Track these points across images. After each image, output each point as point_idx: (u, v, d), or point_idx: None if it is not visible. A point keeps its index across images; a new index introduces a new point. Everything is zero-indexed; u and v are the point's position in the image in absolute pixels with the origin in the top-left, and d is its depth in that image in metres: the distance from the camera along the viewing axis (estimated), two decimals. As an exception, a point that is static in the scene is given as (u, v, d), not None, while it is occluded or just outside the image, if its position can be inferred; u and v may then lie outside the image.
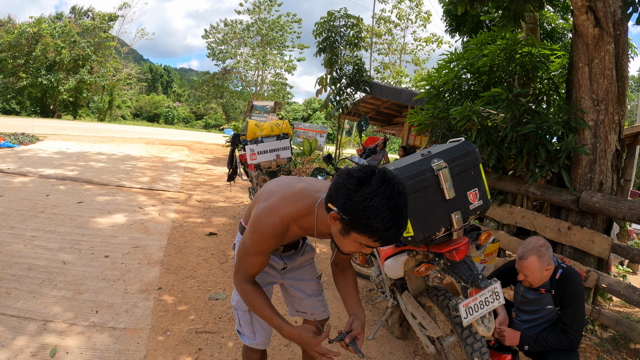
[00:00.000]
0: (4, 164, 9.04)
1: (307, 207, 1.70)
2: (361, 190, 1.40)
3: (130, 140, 17.85)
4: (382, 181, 1.41)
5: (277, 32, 41.63)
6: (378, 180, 1.41)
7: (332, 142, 35.67)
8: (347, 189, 1.43)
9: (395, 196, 1.41)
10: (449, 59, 5.44)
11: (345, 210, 1.43)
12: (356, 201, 1.40)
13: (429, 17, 32.47)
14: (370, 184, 1.41)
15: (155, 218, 6.19)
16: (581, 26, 4.09)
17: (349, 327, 1.83)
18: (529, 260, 2.55)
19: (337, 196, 1.46)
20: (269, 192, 1.81)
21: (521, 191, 4.69)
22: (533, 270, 2.56)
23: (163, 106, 57.52)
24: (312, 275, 2.29)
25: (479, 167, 2.14)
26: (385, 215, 1.38)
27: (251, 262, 1.75)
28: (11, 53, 37.66)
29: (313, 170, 4.23)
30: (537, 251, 2.54)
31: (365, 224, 1.40)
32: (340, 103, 11.76)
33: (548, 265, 2.58)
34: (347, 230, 1.48)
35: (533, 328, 2.76)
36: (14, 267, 3.95)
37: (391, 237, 1.44)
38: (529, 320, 2.78)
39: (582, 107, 4.25)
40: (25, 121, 24.29)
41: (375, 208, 1.38)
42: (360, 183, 1.42)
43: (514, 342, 2.61)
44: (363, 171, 1.45)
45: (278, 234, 1.68)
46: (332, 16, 11.72)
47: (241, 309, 2.08)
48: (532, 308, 2.76)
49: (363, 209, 1.38)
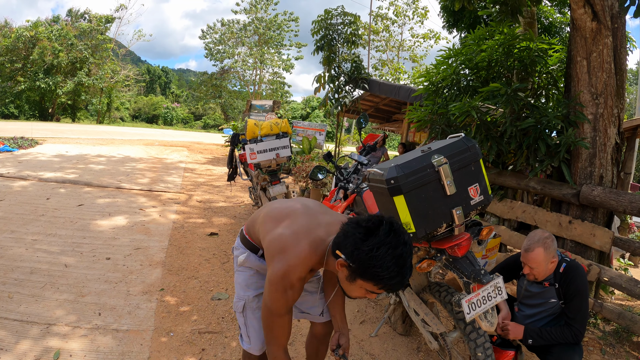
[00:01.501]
0: (4, 168, 9.04)
1: (320, 258, 1.75)
2: (369, 240, 1.49)
3: (129, 142, 17.84)
4: (388, 232, 1.50)
5: (274, 31, 41.49)
6: (385, 230, 1.50)
7: (331, 140, 35.67)
8: (355, 237, 1.52)
9: (401, 246, 1.49)
10: (447, 54, 5.43)
11: (353, 258, 1.51)
12: (363, 250, 1.48)
13: (426, 14, 32.36)
14: (377, 234, 1.50)
15: (156, 219, 6.20)
16: (579, 20, 4.09)
17: (337, 342, 2.01)
18: (535, 252, 2.54)
19: (345, 244, 1.55)
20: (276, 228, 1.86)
21: (521, 186, 4.69)
22: (539, 263, 2.55)
23: (162, 107, 57.48)
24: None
25: (479, 162, 2.14)
26: (391, 265, 1.47)
27: (281, 324, 1.79)
28: (8, 57, 37.62)
29: (313, 169, 4.23)
30: (543, 243, 2.54)
31: (371, 273, 1.49)
32: (339, 101, 11.72)
33: (553, 257, 2.57)
34: (354, 277, 1.56)
35: (536, 322, 2.76)
36: (15, 271, 3.96)
37: (395, 286, 1.53)
38: (532, 314, 2.78)
39: (581, 101, 4.24)
40: (24, 125, 24.29)
41: (382, 258, 1.46)
42: (368, 232, 1.52)
43: (518, 335, 2.61)
44: (372, 221, 1.54)
45: (297, 289, 1.73)
46: (330, 14, 11.69)
47: (237, 309, 2.14)
48: (535, 302, 2.76)
49: (370, 259, 1.47)
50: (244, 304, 2.11)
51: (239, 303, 2.11)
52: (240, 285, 2.14)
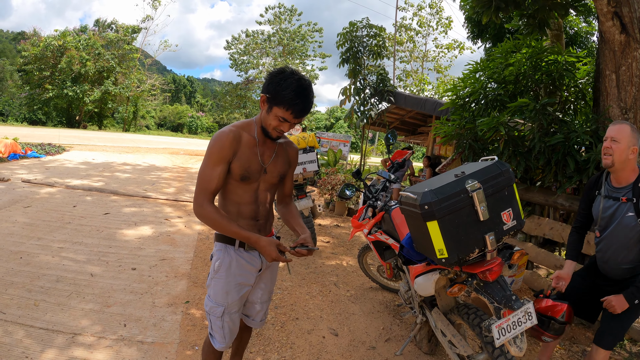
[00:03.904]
0: (31, 175, 9.26)
1: (249, 120, 2.16)
2: (280, 75, 1.94)
3: (154, 150, 18.12)
4: (294, 72, 1.96)
5: (298, 42, 41.82)
6: (291, 70, 1.97)
7: (355, 151, 35.59)
8: (270, 75, 1.98)
9: (303, 80, 1.94)
10: (474, 68, 5.39)
11: (269, 88, 1.95)
12: (275, 80, 1.93)
13: (450, 24, 32.26)
14: (285, 71, 1.95)
15: (181, 230, 6.25)
16: (607, 32, 4.01)
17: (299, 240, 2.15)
18: (622, 126, 2.47)
19: (265, 85, 1.99)
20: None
21: (549, 202, 4.60)
22: (623, 136, 2.45)
23: (186, 116, 58.41)
24: (273, 282, 2.47)
25: (512, 187, 2.11)
26: (295, 88, 1.90)
27: (210, 175, 2.01)
28: (37, 65, 38.77)
29: (342, 187, 4.24)
30: (630, 126, 2.47)
31: (281, 96, 1.92)
32: (365, 113, 11.71)
33: (635, 145, 2.46)
34: (270, 107, 1.98)
35: (617, 250, 2.63)
36: (42, 279, 4.01)
37: (298, 108, 1.94)
38: (610, 238, 2.65)
39: (610, 116, 4.16)
40: (51, 131, 24.87)
41: (289, 84, 1.90)
42: (279, 72, 1.96)
43: (624, 304, 2.50)
44: (281, 68, 1.99)
45: (232, 139, 2.02)
46: (355, 26, 11.68)
47: (214, 314, 2.20)
48: (612, 220, 2.62)
49: (279, 84, 1.91)
50: (223, 310, 2.18)
51: (217, 309, 2.18)
52: (218, 292, 2.18)
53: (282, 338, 3.48)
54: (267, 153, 2.16)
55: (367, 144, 13.37)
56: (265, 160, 2.14)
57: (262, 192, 2.19)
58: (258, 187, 2.16)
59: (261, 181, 2.16)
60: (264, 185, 2.18)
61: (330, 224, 7.89)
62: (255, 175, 2.11)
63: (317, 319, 3.91)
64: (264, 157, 2.14)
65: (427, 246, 2.13)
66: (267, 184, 2.19)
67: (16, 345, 2.91)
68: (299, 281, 4.80)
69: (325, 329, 3.71)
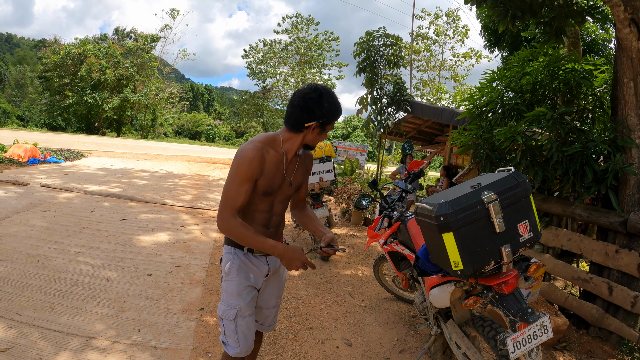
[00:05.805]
0: (50, 179, 9.42)
1: (273, 135, 2.12)
2: (319, 97, 1.98)
3: (172, 157, 18.31)
4: (317, 87, 2.02)
5: (315, 51, 42.02)
6: (314, 86, 2.01)
7: (371, 160, 35.47)
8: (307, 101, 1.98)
9: (327, 89, 2.03)
10: (491, 77, 5.34)
11: (316, 115, 1.99)
12: (324, 105, 1.99)
13: (466, 32, 32.11)
14: (315, 91, 2.00)
15: (197, 237, 6.29)
16: (624, 40, 3.96)
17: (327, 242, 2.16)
18: None
19: (307, 111, 2.00)
20: None
21: (567, 213, 4.53)
22: None
23: (204, 124, 59.00)
24: (280, 287, 2.47)
25: (529, 199, 2.08)
26: (332, 101, 2.02)
27: (237, 192, 2.00)
28: (57, 72, 39.61)
29: (358, 197, 4.24)
30: None
31: (329, 115, 2.01)
32: (382, 123, 11.68)
33: None
34: (323, 127, 2.06)
35: None
36: (58, 282, 4.07)
37: (338, 116, 2.10)
38: None
39: (628, 125, 4.08)
40: (70, 137, 25.29)
41: (333, 101, 2.02)
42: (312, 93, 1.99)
43: None
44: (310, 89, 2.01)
45: (260, 157, 2.00)
46: (371, 36, 11.68)
47: (227, 318, 2.18)
48: None
49: (321, 104, 1.98)
50: (236, 312, 2.17)
51: (230, 311, 2.17)
52: (231, 294, 2.18)
53: (295, 347, 3.47)
54: (291, 167, 2.19)
55: (384, 153, 13.33)
56: (289, 175, 2.17)
57: (277, 204, 2.21)
58: (275, 198, 2.18)
59: (279, 193, 2.18)
60: (281, 197, 2.21)
61: (346, 234, 7.87)
62: (277, 189, 2.14)
63: (331, 328, 3.90)
64: (287, 172, 2.16)
65: (442, 258, 2.12)
66: (284, 196, 2.22)
67: (31, 347, 2.95)
68: (313, 290, 4.79)
69: (339, 339, 3.70)
